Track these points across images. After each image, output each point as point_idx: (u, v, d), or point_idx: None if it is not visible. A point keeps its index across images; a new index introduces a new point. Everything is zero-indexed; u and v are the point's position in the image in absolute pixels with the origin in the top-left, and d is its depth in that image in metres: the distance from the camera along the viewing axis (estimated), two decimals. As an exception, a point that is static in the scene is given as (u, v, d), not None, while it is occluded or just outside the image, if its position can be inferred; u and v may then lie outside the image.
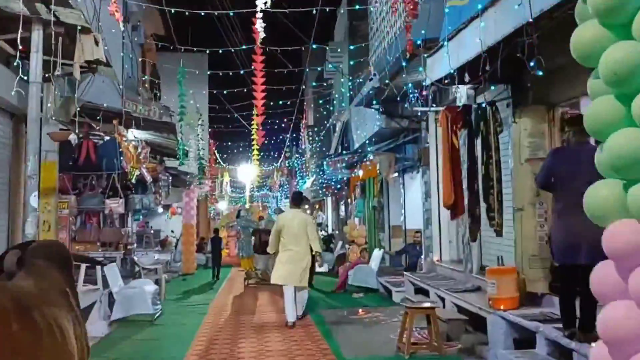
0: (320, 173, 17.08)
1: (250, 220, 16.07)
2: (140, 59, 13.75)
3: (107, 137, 8.15)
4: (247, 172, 21.79)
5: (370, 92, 8.24)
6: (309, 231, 8.28)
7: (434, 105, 7.74)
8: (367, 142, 10.43)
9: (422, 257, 10.84)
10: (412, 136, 10.10)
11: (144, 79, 12.72)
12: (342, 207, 23.21)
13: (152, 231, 22.21)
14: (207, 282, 15.19)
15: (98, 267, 8.38)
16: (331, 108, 20.42)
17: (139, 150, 8.67)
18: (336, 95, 18.70)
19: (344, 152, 14.25)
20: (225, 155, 24.81)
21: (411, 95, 7.67)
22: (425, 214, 9.95)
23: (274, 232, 8.44)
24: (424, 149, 9.85)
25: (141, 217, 12.53)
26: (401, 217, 12.33)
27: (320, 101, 20.00)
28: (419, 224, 12.25)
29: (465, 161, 6.40)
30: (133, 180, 9.14)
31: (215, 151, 21.90)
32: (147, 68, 16.54)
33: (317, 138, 20.37)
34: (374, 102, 8.74)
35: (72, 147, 7.93)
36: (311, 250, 8.48)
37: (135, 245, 12.29)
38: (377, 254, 12.14)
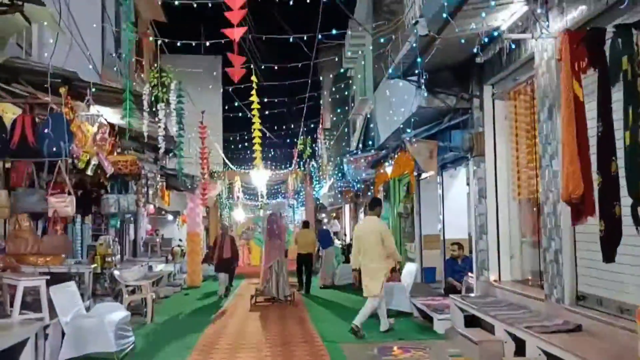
0: (339, 175, 14.85)
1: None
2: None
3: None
4: (260, 176, 19.59)
5: (414, 44, 5.91)
6: (384, 240, 7.82)
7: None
8: (402, 126, 8.17)
9: (472, 275, 8.50)
10: (460, 119, 7.81)
11: (133, 59, 10.60)
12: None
13: (157, 240, 20.26)
14: (210, 298, 13.06)
15: (43, 288, 6.22)
16: (350, 104, 18.24)
17: (95, 129, 6.54)
18: (354, 87, 16.54)
19: (370, 145, 11.96)
20: (233, 155, 22.65)
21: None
22: (478, 219, 7.63)
23: (353, 245, 8.28)
24: (477, 134, 7.55)
25: (119, 222, 10.44)
26: (439, 225, 9.98)
27: (339, 94, 17.84)
28: (461, 232, 9.93)
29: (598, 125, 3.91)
30: (89, 172, 6.99)
31: (216, 145, 19.72)
32: (144, 54, 14.57)
33: (335, 133, 18.15)
34: (418, 63, 6.34)
35: (1, 124, 5.83)
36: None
37: (117, 256, 10.14)
38: (409, 269, 9.82)
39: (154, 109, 6.90)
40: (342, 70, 16.77)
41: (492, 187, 7.49)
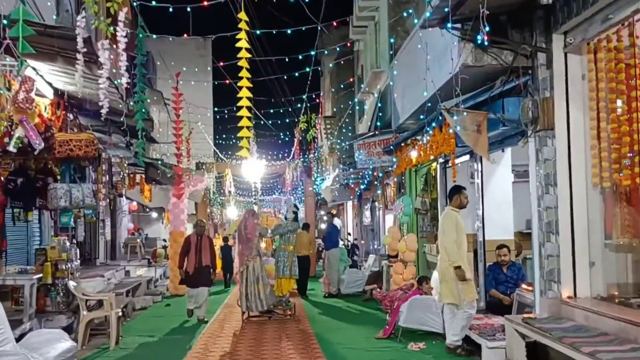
0: (347, 165, 12.93)
1: (294, 224, 11.75)
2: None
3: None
4: (253, 168, 17.65)
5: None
6: (444, 230, 6.46)
7: None
8: (439, 93, 6.24)
9: (527, 287, 6.60)
10: (517, 82, 5.89)
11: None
12: (367, 212, 18.96)
13: (138, 240, 18.22)
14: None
15: None
16: (357, 88, 16.27)
17: (17, 86, 4.58)
18: (362, 64, 14.55)
19: (385, 128, 9.95)
20: (224, 144, 20.59)
21: None
22: (545, 215, 5.70)
23: None
24: (543, 101, 5.62)
25: (71, 219, 8.45)
26: (476, 223, 8.05)
27: (340, 78, 15.87)
28: (503, 232, 8.03)
29: None
30: (11, 148, 5.01)
31: (206, 136, 17.71)
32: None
33: (340, 116, 16.15)
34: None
35: None
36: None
37: (76, 262, 8.16)
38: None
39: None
40: (349, 42, 14.70)
41: (565, 172, 5.57)
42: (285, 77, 16.69)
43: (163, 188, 16.82)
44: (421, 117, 7.52)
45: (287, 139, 18.94)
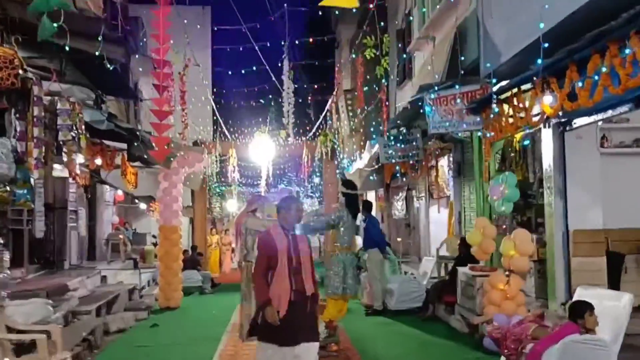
0: (391, 141, 9.71)
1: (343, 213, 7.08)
2: None
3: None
4: (263, 148, 14.53)
5: None
6: None
7: None
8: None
9: None
10: None
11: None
12: (399, 204, 15.74)
13: (121, 236, 14.88)
14: (196, 331, 8.05)
15: None
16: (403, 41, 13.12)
17: None
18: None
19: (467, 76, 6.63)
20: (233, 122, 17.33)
21: None
22: None
23: None
24: None
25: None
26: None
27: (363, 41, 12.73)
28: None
29: None
30: None
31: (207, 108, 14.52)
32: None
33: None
34: None
35: None
36: None
37: (3, 273, 4.99)
38: (609, 301, 4.72)
39: None
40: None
41: None
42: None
43: (152, 172, 13.69)
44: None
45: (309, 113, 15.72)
